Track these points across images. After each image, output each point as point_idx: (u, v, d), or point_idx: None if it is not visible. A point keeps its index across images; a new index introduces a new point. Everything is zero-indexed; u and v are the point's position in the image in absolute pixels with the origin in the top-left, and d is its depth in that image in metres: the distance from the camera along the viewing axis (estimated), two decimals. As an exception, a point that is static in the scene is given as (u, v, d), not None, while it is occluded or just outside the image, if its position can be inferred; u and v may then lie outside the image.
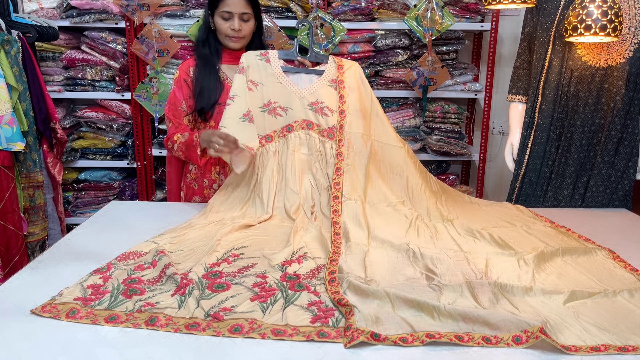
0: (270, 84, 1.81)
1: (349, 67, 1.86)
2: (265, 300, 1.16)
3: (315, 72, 1.85)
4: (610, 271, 1.36)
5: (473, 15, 2.85)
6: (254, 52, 1.84)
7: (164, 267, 1.29)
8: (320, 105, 1.81)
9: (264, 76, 1.82)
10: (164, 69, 2.85)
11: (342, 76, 1.84)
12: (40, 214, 2.41)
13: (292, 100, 1.81)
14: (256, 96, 1.81)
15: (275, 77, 1.82)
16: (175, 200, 2.08)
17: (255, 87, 1.81)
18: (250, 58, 1.83)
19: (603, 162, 2.01)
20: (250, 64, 1.82)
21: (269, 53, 1.84)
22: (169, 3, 2.80)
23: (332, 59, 1.87)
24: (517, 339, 1.01)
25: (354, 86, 1.84)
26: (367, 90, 1.86)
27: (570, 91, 2.00)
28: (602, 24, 1.70)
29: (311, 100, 1.81)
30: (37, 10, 2.77)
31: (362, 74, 1.87)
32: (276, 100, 1.81)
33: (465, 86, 2.95)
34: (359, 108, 1.82)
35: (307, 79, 1.84)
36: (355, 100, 1.82)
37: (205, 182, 1.97)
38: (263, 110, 1.80)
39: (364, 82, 1.86)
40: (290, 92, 1.81)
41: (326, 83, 1.83)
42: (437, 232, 1.60)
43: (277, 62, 1.83)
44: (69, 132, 2.92)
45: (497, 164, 3.32)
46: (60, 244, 1.52)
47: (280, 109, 1.81)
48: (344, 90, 1.82)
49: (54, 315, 1.09)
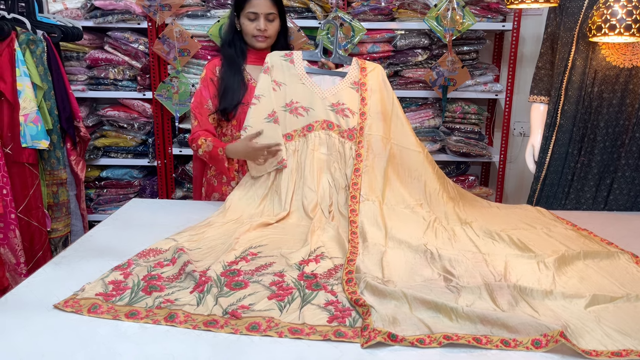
0: (293, 85, 1.83)
1: (372, 70, 1.87)
2: (282, 299, 1.17)
3: (338, 74, 1.86)
4: (633, 275, 1.33)
5: (494, 15, 2.82)
6: (278, 53, 1.86)
7: (183, 265, 1.31)
8: (342, 107, 1.82)
9: (288, 76, 1.84)
10: (185, 68, 2.88)
11: (365, 78, 1.85)
12: (63, 211, 2.45)
13: (313, 101, 1.83)
14: (279, 96, 1.83)
15: (298, 77, 1.84)
16: (198, 195, 2.12)
17: (279, 87, 1.83)
18: (274, 58, 1.85)
19: (627, 165, 1.97)
20: (274, 64, 1.84)
21: (294, 54, 1.86)
22: (190, 3, 2.83)
23: (356, 60, 1.88)
24: (537, 342, 1.00)
25: (375, 88, 1.84)
26: (389, 93, 1.86)
27: (594, 92, 1.97)
28: (627, 23, 1.67)
29: (332, 102, 1.83)
30: (62, 10, 2.82)
31: (384, 76, 1.88)
32: (298, 100, 1.83)
33: (485, 86, 2.91)
34: (380, 110, 1.82)
35: (329, 80, 1.85)
36: (376, 102, 1.83)
37: (224, 178, 1.99)
38: (285, 109, 1.82)
39: (386, 84, 1.87)
40: (312, 92, 1.83)
41: (348, 85, 1.85)
42: (455, 234, 1.59)
43: (300, 63, 1.85)
44: (92, 131, 2.97)
45: (518, 166, 3.28)
46: (82, 240, 1.55)
47: (301, 109, 1.82)
48: (365, 93, 1.83)
49: (76, 310, 1.11)
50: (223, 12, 2.80)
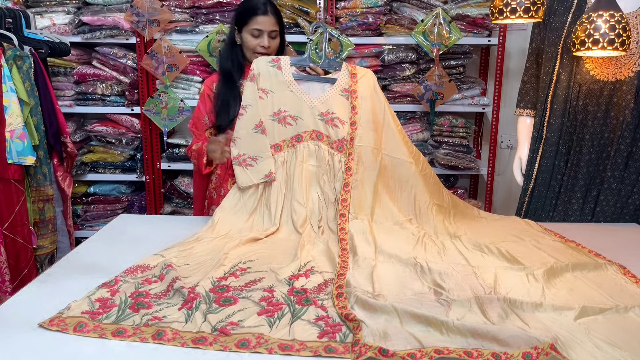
0: (281, 92, 1.79)
1: (363, 76, 1.82)
2: (272, 315, 1.16)
3: (328, 81, 1.81)
4: (622, 287, 1.34)
5: (480, 30, 2.86)
6: (265, 58, 1.83)
7: (172, 281, 1.29)
8: (331, 116, 1.78)
9: (275, 84, 1.79)
10: (174, 83, 2.88)
11: (355, 85, 1.80)
12: (49, 227, 2.42)
13: (302, 110, 1.79)
14: (266, 104, 1.79)
15: (286, 84, 1.79)
16: (199, 210, 2.13)
17: (266, 95, 1.79)
18: (261, 64, 1.81)
19: (613, 177, 1.99)
20: (261, 71, 1.80)
21: (281, 59, 1.81)
22: (178, 19, 2.84)
23: (346, 66, 1.83)
24: (527, 355, 0.99)
25: (366, 95, 1.79)
26: (380, 99, 1.81)
27: (578, 105, 1.99)
28: (610, 38, 1.71)
29: (322, 111, 1.79)
30: (50, 26, 2.82)
31: (376, 82, 1.83)
32: (286, 109, 1.79)
33: (472, 100, 2.95)
34: (371, 119, 1.78)
35: (319, 87, 1.81)
36: (367, 110, 1.78)
37: (222, 191, 1.99)
38: (273, 119, 1.79)
39: (377, 91, 1.82)
40: (300, 100, 1.79)
41: (338, 92, 1.80)
42: (444, 248, 1.59)
43: (288, 69, 1.81)
44: (79, 146, 2.94)
45: (506, 178, 3.30)
46: (69, 257, 1.53)
47: (290, 118, 1.79)
48: (356, 101, 1.78)
49: (61, 328, 1.09)
50: (212, 27, 2.81)
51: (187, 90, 2.93)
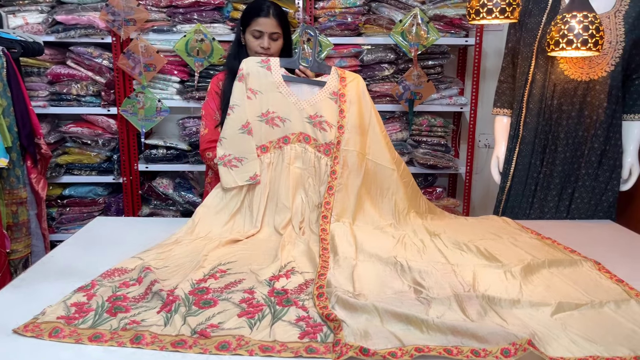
0: (270, 93, 1.79)
1: (352, 80, 1.83)
2: (252, 316, 1.15)
3: (317, 83, 1.82)
4: (597, 282, 1.37)
5: (457, 31, 2.89)
6: (254, 59, 1.83)
7: (150, 284, 1.27)
8: (319, 119, 1.79)
9: (264, 84, 1.79)
10: (151, 83, 2.84)
11: (344, 89, 1.81)
12: (23, 231, 2.37)
13: (290, 111, 1.79)
14: (254, 105, 1.78)
15: (275, 85, 1.79)
16: None
17: (254, 95, 1.78)
18: (250, 65, 1.80)
19: (587, 174, 2.03)
20: (250, 72, 1.79)
21: (271, 60, 1.82)
22: (155, 18, 2.80)
23: (335, 70, 1.85)
24: (506, 351, 1.01)
25: (354, 100, 1.81)
26: (367, 104, 1.83)
27: (553, 104, 2.03)
28: (584, 38, 1.74)
29: (310, 113, 1.79)
30: (22, 25, 2.76)
31: (364, 87, 1.85)
32: (275, 110, 1.79)
33: (450, 100, 2.97)
34: (358, 124, 1.79)
35: (308, 89, 1.81)
36: (354, 114, 1.79)
37: None
38: (261, 119, 1.78)
39: (365, 95, 1.84)
40: (289, 102, 1.79)
41: (327, 95, 1.81)
42: (424, 246, 1.60)
43: (278, 70, 1.81)
44: (54, 148, 2.88)
45: (483, 177, 3.34)
46: (43, 261, 1.50)
47: (278, 119, 1.78)
48: (344, 105, 1.79)
49: (36, 334, 1.07)
50: (189, 27, 2.78)
51: (165, 91, 2.89)
